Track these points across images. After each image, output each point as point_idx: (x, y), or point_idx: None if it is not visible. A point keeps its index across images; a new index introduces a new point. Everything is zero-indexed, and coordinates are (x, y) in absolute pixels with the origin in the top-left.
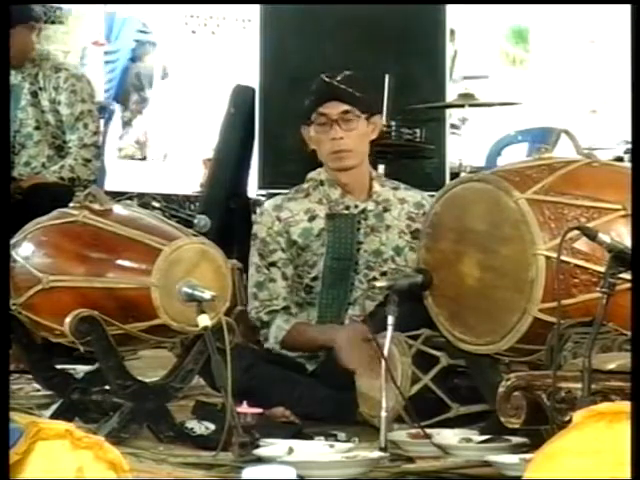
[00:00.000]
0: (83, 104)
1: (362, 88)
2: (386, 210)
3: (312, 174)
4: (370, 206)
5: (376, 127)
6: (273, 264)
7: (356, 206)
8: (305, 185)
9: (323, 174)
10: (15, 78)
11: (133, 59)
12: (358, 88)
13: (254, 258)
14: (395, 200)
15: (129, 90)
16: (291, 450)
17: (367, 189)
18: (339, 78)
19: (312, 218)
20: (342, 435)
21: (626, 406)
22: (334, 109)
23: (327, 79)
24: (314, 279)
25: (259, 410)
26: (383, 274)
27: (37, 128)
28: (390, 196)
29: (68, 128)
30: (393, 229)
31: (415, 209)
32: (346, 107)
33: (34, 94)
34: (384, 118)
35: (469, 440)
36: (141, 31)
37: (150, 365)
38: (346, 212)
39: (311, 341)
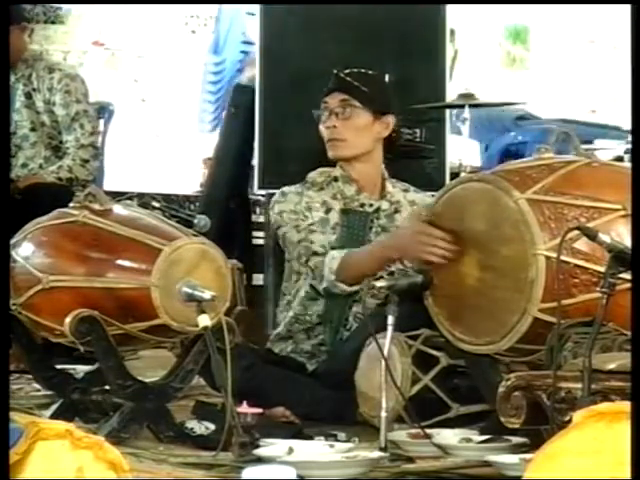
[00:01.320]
0: (78, 104)
1: (370, 84)
2: (397, 211)
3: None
4: (384, 205)
5: (388, 126)
6: (311, 225)
7: (371, 205)
8: (319, 179)
9: (337, 170)
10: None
11: (240, 70)
12: (364, 83)
13: (289, 227)
14: (405, 202)
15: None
16: (291, 450)
17: (380, 189)
18: (347, 71)
19: (328, 211)
20: (342, 435)
21: (626, 406)
22: (334, 99)
23: (336, 71)
24: None
25: (259, 410)
26: (390, 274)
27: (33, 129)
28: (401, 198)
29: (64, 129)
30: None
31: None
32: (344, 96)
33: (28, 95)
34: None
35: (469, 440)
36: (245, 42)
37: (150, 365)
38: (361, 209)
39: (371, 255)
